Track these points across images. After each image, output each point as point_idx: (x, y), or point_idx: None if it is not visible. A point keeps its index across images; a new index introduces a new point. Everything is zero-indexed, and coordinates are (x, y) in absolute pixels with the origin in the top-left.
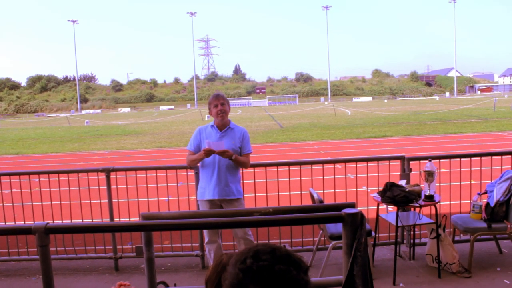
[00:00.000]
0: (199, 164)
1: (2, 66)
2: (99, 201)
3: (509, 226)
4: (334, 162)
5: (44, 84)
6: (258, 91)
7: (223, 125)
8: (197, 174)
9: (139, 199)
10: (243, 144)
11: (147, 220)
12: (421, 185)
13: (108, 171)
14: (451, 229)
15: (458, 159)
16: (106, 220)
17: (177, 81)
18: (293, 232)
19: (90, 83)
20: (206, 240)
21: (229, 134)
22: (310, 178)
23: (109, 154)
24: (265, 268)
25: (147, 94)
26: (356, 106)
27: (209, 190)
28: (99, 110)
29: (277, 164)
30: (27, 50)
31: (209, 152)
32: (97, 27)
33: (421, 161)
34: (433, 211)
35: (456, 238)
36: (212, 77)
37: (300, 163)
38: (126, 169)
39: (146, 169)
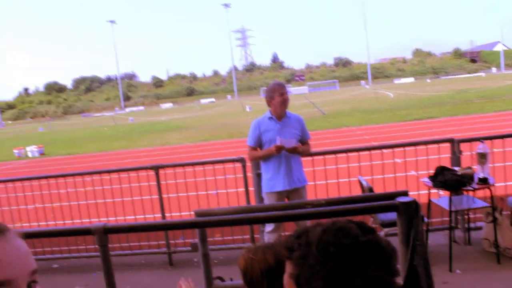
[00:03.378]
0: None
1: (49, 69)
2: (149, 197)
3: None
4: (382, 148)
5: (88, 85)
6: (297, 78)
7: (281, 115)
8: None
9: (189, 194)
10: (302, 131)
11: (201, 217)
12: (473, 167)
13: (157, 168)
14: (509, 212)
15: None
16: (158, 215)
17: (216, 73)
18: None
19: (131, 81)
20: (267, 229)
21: (288, 123)
22: (358, 164)
23: (155, 150)
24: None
25: (187, 88)
26: (398, 88)
27: (279, 181)
28: (142, 107)
29: (324, 153)
30: (70, 52)
31: (280, 149)
32: (134, 26)
33: (472, 142)
34: (488, 194)
35: None
36: (251, 68)
37: (347, 151)
38: (174, 165)
39: (193, 164)
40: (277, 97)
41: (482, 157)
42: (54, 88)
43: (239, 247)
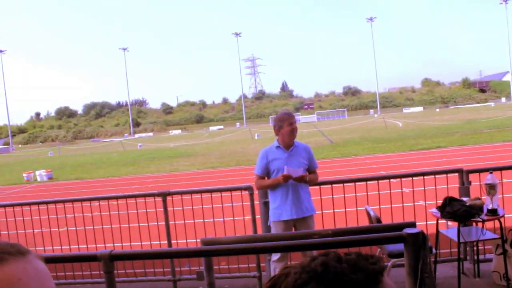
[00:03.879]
0: None
1: (61, 95)
2: (156, 223)
3: None
4: (390, 178)
5: (98, 111)
6: (306, 107)
7: (289, 144)
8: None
9: (196, 221)
10: (310, 160)
11: (207, 245)
12: (482, 198)
13: (164, 195)
14: None
15: None
16: (164, 242)
17: (225, 101)
18: (350, 248)
19: (141, 107)
20: (274, 258)
21: (296, 153)
22: (365, 193)
23: (163, 177)
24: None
25: (196, 115)
26: (406, 117)
27: (286, 210)
28: (151, 133)
29: (332, 182)
30: (81, 78)
31: (287, 178)
32: (146, 53)
33: (481, 173)
34: (497, 226)
35: None
36: (260, 96)
37: (354, 180)
38: (181, 192)
39: (201, 191)
40: (286, 127)
41: (491, 188)
42: (65, 113)
43: (245, 276)
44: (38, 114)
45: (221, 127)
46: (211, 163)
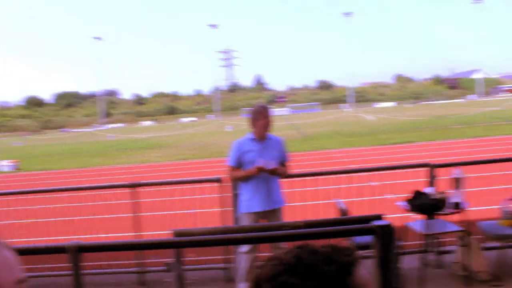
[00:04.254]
0: None
1: (29, 83)
2: (126, 215)
3: None
4: (360, 171)
5: (69, 101)
6: (279, 100)
7: (263, 137)
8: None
9: (166, 212)
10: (283, 153)
11: (179, 236)
12: (448, 192)
13: (134, 186)
14: (480, 236)
15: (487, 164)
16: (134, 234)
17: (198, 93)
18: (330, 240)
19: (113, 97)
20: (243, 249)
21: (269, 145)
22: (336, 187)
23: (134, 168)
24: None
25: (169, 106)
26: (379, 112)
27: (257, 202)
28: (122, 124)
29: (303, 175)
30: (51, 67)
31: (260, 171)
32: (119, 43)
33: (448, 168)
34: (462, 218)
35: (486, 245)
36: (234, 88)
37: (325, 173)
38: (152, 184)
39: (171, 183)
40: (261, 120)
41: (457, 182)
42: (34, 103)
43: (213, 268)
44: (5, 103)
45: (194, 119)
46: (182, 154)
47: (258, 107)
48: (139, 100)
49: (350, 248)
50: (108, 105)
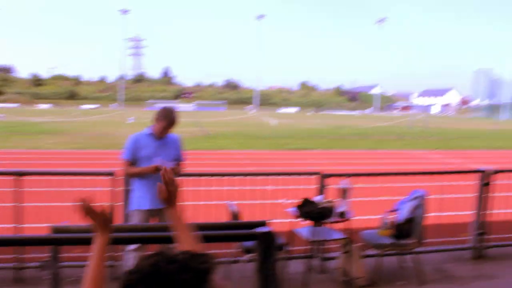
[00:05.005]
0: None
1: None
2: (7, 204)
3: (413, 242)
4: (255, 174)
5: None
6: (185, 95)
7: (161, 136)
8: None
9: (52, 204)
10: (179, 152)
11: (57, 233)
12: (336, 201)
13: (18, 175)
14: (361, 244)
15: (373, 176)
16: (13, 226)
17: (102, 79)
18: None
19: (7, 74)
20: (131, 247)
21: (167, 142)
22: (230, 188)
23: (21, 153)
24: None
25: (69, 91)
26: (281, 117)
27: (149, 199)
28: (16, 105)
29: (198, 175)
30: None
31: (158, 170)
32: (22, 15)
33: (337, 177)
34: (346, 227)
35: (366, 253)
36: (140, 78)
37: (220, 175)
38: (38, 173)
39: (60, 173)
40: (167, 122)
41: (344, 192)
42: None
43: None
44: None
45: (96, 106)
46: (78, 143)
47: (170, 110)
48: (37, 81)
49: (208, 255)
50: (1, 82)
